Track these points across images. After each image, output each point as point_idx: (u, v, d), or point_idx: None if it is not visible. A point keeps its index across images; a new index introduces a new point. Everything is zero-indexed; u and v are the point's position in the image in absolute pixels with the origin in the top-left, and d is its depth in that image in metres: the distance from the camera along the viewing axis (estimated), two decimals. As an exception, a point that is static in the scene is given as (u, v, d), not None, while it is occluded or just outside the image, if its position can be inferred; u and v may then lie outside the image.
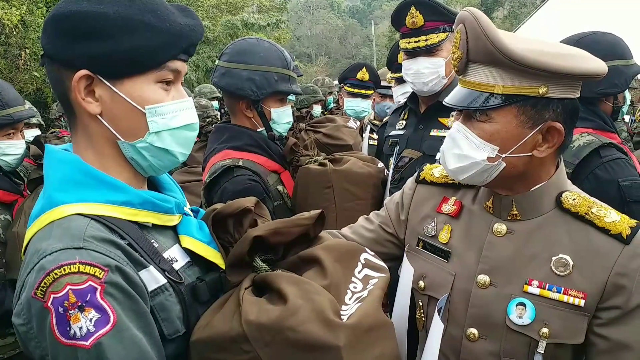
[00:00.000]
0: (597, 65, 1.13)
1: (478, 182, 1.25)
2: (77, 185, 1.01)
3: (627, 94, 2.05)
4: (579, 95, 1.17)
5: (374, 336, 1.00)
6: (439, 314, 1.18)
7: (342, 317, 1.00)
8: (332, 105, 5.49)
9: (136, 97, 1.02)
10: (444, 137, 2.13)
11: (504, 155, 1.17)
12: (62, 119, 5.90)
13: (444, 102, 1.28)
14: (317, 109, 4.98)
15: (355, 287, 1.12)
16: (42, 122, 5.00)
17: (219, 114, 4.92)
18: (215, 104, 5.42)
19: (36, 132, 4.39)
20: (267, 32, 16.48)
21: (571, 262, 1.16)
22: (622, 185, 1.78)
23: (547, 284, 1.17)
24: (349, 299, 1.08)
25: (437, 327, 1.15)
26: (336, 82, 5.42)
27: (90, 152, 1.05)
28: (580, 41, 1.90)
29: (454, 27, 1.22)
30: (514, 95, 1.13)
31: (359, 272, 1.16)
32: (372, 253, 1.24)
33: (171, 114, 1.06)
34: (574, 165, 1.85)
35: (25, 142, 2.54)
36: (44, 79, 9.56)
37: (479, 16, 1.12)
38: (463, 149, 1.20)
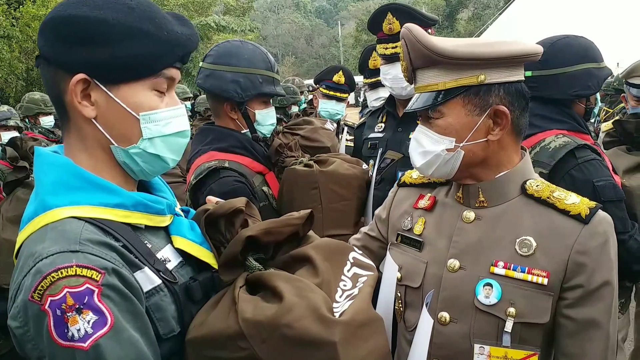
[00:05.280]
0: (525, 47, 1.23)
1: (445, 174, 1.32)
2: (70, 188, 1.00)
3: (598, 95, 2.12)
4: (521, 78, 1.27)
5: (367, 331, 1.03)
6: (426, 307, 1.22)
7: (334, 314, 1.02)
8: (304, 105, 5.50)
9: (131, 103, 1.03)
10: None
11: (461, 145, 1.26)
12: (26, 120, 5.72)
13: (405, 110, 1.35)
14: (294, 109, 4.98)
15: (345, 285, 1.14)
16: (21, 125, 4.85)
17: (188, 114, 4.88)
18: (188, 104, 5.36)
19: (14, 134, 4.26)
20: (238, 35, 16.44)
21: (534, 243, 1.23)
22: (597, 185, 1.83)
23: (512, 265, 1.23)
24: (340, 297, 1.10)
25: (425, 323, 1.19)
26: (307, 81, 5.43)
27: (83, 155, 1.05)
28: (554, 44, 1.93)
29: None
30: (456, 88, 1.24)
31: (348, 271, 1.18)
32: (360, 252, 1.26)
33: (164, 121, 1.07)
34: (550, 166, 1.89)
35: (1, 144, 2.47)
36: (6, 79, 9.22)
37: (412, 28, 1.27)
38: (425, 146, 1.30)
